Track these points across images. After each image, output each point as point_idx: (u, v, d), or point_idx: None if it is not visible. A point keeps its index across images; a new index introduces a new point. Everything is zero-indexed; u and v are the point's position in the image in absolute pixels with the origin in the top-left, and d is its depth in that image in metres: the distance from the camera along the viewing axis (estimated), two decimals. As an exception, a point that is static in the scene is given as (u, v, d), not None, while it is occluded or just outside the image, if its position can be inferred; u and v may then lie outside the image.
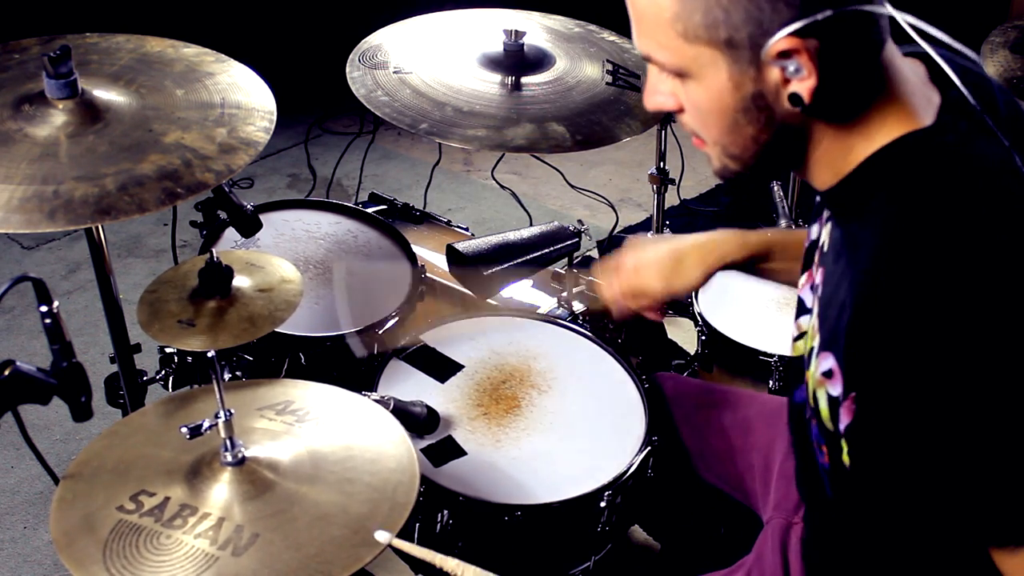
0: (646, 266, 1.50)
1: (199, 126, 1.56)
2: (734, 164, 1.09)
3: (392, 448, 1.37)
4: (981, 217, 0.95)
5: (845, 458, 1.08)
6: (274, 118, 1.64)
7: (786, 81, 0.99)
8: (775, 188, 2.17)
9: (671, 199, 3.13)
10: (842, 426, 1.05)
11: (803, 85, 0.98)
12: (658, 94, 1.08)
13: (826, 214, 1.19)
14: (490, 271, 1.99)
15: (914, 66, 1.08)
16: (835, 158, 1.05)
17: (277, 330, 1.50)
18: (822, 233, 1.19)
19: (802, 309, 1.25)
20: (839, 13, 0.95)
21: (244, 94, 1.68)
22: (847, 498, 1.16)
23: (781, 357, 1.88)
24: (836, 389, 1.05)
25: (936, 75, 1.07)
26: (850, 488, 1.13)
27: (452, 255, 2.02)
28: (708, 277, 1.48)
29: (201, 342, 1.44)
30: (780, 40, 0.95)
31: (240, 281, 1.50)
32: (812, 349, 1.12)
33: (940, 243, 0.94)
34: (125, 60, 1.72)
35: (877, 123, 1.02)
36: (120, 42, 1.78)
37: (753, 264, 1.48)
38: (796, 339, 1.26)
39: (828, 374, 1.06)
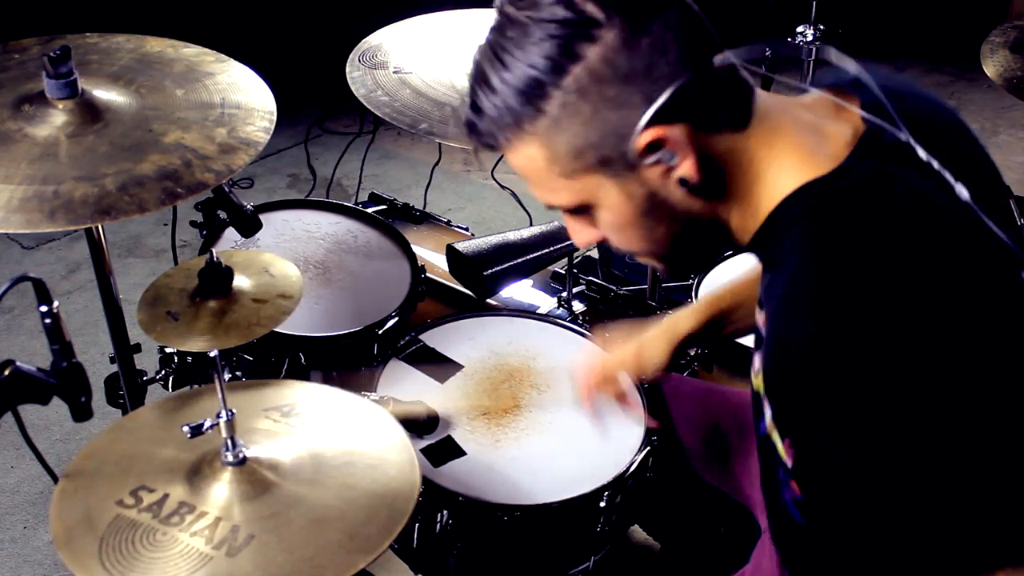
0: (614, 367, 1.58)
1: (199, 126, 1.56)
2: (668, 263, 1.13)
3: (395, 455, 1.37)
4: (875, 263, 0.95)
5: (799, 491, 1.09)
6: (274, 118, 1.64)
7: (668, 171, 1.01)
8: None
9: (671, 199, 3.12)
10: (790, 465, 1.05)
11: (685, 167, 1.00)
12: (580, 234, 1.13)
13: None
14: (490, 271, 1.99)
15: (814, 103, 1.08)
16: (747, 217, 1.07)
17: (277, 330, 1.50)
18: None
19: (758, 343, 1.25)
20: (680, 87, 0.96)
21: (244, 94, 1.68)
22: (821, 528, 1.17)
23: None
24: (776, 432, 1.06)
25: (854, 97, 1.07)
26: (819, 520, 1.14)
27: (452, 255, 2.02)
28: (674, 354, 1.55)
29: (201, 342, 1.44)
30: (638, 137, 0.98)
31: (240, 281, 1.50)
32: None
33: (834, 290, 0.94)
34: (125, 60, 1.72)
35: (769, 173, 1.03)
36: (120, 42, 1.78)
37: (716, 329, 1.54)
38: (756, 373, 1.27)
39: (771, 418, 1.07)
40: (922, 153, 1.00)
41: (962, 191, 0.98)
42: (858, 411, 0.92)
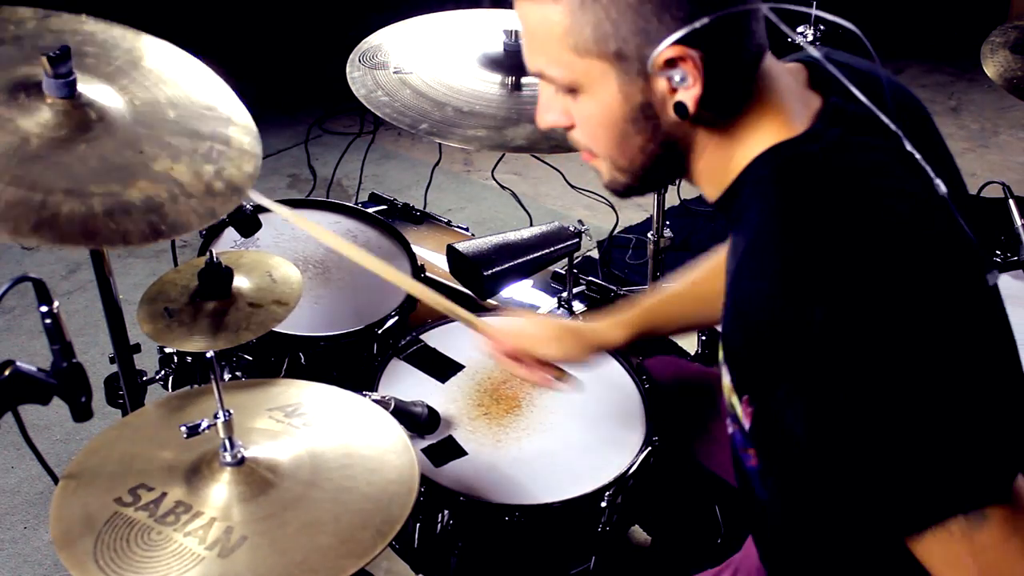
0: (528, 333, 1.55)
1: (188, 157, 1.50)
2: (622, 176, 1.12)
3: (395, 458, 1.36)
4: (833, 226, 0.96)
5: (754, 461, 1.11)
6: (258, 165, 1.57)
7: (672, 91, 1.02)
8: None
9: (671, 199, 3.13)
10: (747, 427, 1.08)
11: (688, 94, 1.01)
12: (550, 111, 1.11)
13: None
14: (490, 271, 1.99)
15: (796, 72, 1.11)
16: (717, 168, 1.08)
17: (277, 330, 1.50)
18: None
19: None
20: (719, 19, 0.97)
21: (235, 130, 1.59)
22: (773, 498, 1.17)
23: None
24: (735, 395, 1.08)
25: (817, 80, 1.10)
26: (772, 488, 1.15)
27: (452, 255, 2.02)
28: (589, 357, 1.56)
29: (201, 343, 1.44)
30: (666, 49, 0.98)
31: (240, 281, 1.50)
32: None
33: (792, 251, 0.96)
34: (121, 60, 1.69)
35: (752, 131, 1.05)
36: (116, 36, 1.74)
37: (646, 337, 1.56)
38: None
39: (730, 384, 1.09)
40: (908, 146, 1.01)
41: (940, 185, 0.99)
42: (810, 369, 0.93)
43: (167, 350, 2.01)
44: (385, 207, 2.49)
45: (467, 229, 2.45)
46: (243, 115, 1.62)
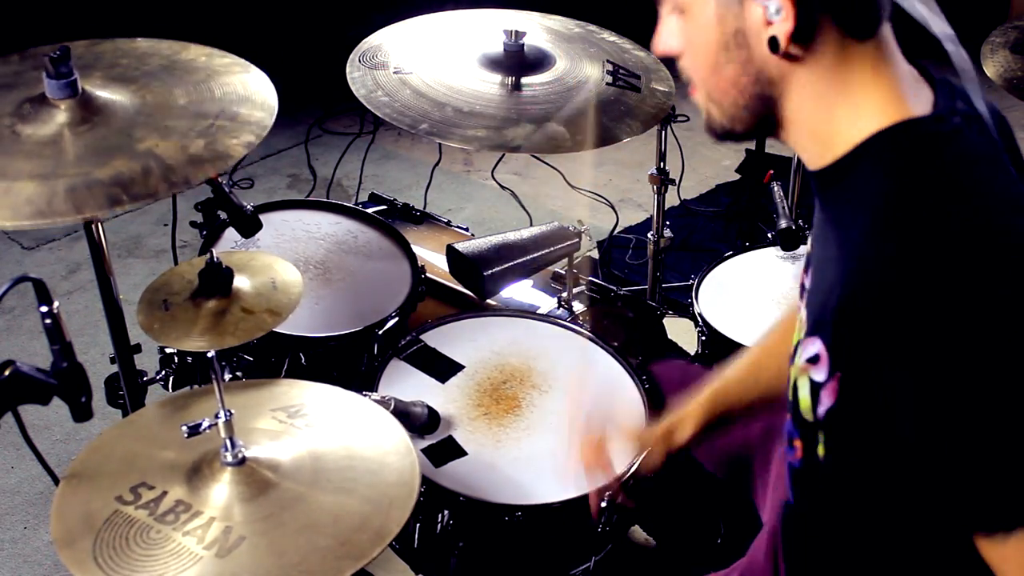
0: (608, 455, 1.54)
1: (180, 135, 1.53)
2: (717, 112, 1.10)
3: (395, 460, 1.36)
4: (977, 206, 0.96)
5: (820, 449, 1.08)
6: (264, 132, 1.57)
7: (768, 23, 1.00)
8: (775, 188, 2.17)
9: (671, 199, 3.12)
10: (821, 411, 1.05)
11: (782, 28, 1.00)
12: (663, 35, 1.11)
13: (817, 208, 1.19)
14: (490, 271, 1.99)
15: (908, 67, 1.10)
16: (819, 127, 1.06)
17: (277, 330, 1.50)
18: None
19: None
20: None
21: (248, 107, 1.64)
22: (810, 498, 1.16)
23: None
24: (820, 374, 1.05)
25: (925, 73, 1.10)
26: (817, 486, 1.14)
27: (452, 255, 2.02)
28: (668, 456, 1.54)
29: (201, 342, 1.44)
30: None
31: (240, 282, 1.50)
32: (797, 343, 1.13)
33: (934, 229, 0.94)
34: (153, 65, 1.70)
35: (865, 98, 1.03)
36: (146, 47, 1.77)
37: (723, 422, 1.53)
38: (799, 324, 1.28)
39: (814, 359, 1.06)
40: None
41: None
42: (928, 355, 0.92)
43: (167, 350, 2.01)
44: (385, 207, 2.49)
45: (467, 229, 2.45)
46: (266, 94, 1.67)
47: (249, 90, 1.67)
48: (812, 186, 1.15)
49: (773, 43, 1.01)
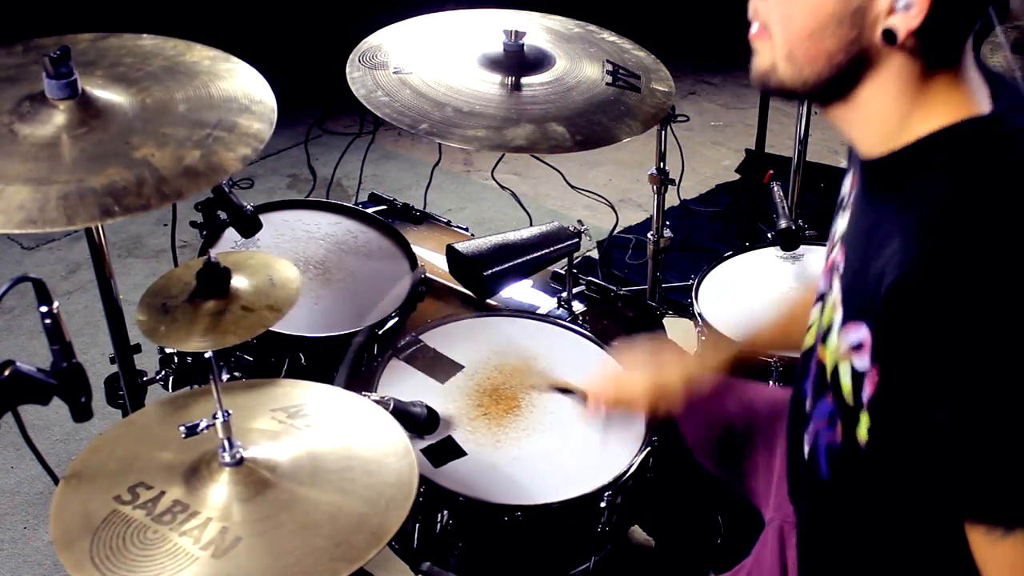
0: (630, 393, 1.59)
1: (176, 144, 1.52)
2: (789, 69, 1.07)
3: (394, 461, 1.36)
4: None
5: (862, 433, 1.08)
6: (261, 145, 1.56)
7: (890, 12, 0.99)
8: (775, 188, 2.17)
9: (671, 199, 3.13)
10: (865, 397, 1.05)
11: (905, 22, 0.99)
12: None
13: (852, 196, 1.19)
14: (490, 271, 1.99)
15: None
16: (889, 117, 1.05)
17: (277, 330, 1.50)
18: (841, 216, 1.21)
19: (819, 297, 1.25)
20: None
21: (247, 117, 1.62)
22: (848, 479, 1.16)
23: (780, 357, 1.88)
24: (863, 360, 1.05)
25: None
26: (856, 468, 1.13)
27: (452, 255, 2.02)
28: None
29: (204, 343, 1.44)
30: None
31: (239, 282, 1.50)
32: (831, 325, 1.13)
33: (996, 224, 0.95)
34: (156, 66, 1.69)
35: (942, 95, 1.03)
36: (151, 45, 1.76)
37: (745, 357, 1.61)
38: (808, 329, 1.28)
39: (857, 347, 1.06)
40: None
41: None
42: (977, 349, 0.92)
43: (167, 350, 2.01)
44: (385, 207, 2.49)
45: (467, 229, 2.45)
46: (267, 104, 1.65)
47: (251, 99, 1.65)
48: (859, 167, 1.15)
49: (888, 34, 1.00)
